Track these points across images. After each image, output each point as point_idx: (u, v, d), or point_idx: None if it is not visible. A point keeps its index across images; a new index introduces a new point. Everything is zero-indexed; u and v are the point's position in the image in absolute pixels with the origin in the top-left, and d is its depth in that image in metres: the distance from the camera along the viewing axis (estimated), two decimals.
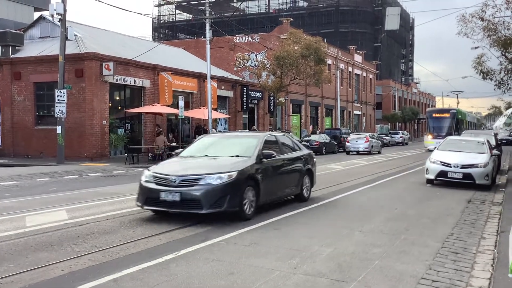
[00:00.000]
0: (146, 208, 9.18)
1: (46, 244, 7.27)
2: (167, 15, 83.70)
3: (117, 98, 27.61)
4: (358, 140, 36.32)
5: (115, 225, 8.73)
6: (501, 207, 11.05)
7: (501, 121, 67.05)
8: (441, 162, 15.33)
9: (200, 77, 32.16)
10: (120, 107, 27.58)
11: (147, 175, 9.20)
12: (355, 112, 64.82)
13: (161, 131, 25.93)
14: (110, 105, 25.97)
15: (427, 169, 15.77)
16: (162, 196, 8.66)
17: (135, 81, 27.13)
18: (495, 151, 17.06)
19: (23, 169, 19.80)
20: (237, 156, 9.64)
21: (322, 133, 43.06)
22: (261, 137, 10.51)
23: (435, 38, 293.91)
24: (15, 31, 28.90)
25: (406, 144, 60.33)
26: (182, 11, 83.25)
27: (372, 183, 16.21)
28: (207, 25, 27.37)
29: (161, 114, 27.88)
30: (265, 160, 9.77)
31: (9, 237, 7.72)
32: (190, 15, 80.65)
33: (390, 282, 5.68)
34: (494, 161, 16.09)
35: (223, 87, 35.32)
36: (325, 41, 44.17)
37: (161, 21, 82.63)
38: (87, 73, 24.48)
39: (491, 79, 24.03)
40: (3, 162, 23.58)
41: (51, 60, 24.87)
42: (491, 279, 5.84)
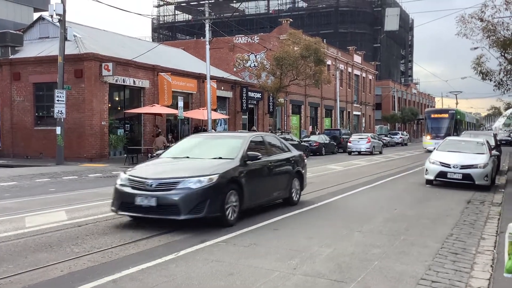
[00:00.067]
0: (120, 214, 8.71)
1: (45, 245, 7.27)
2: (166, 15, 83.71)
3: (117, 99, 27.59)
4: (360, 141, 36.41)
5: (115, 225, 8.72)
6: (500, 208, 11.05)
7: (500, 121, 67.17)
8: (440, 162, 15.33)
9: (200, 78, 32.15)
10: (119, 108, 27.57)
11: (122, 178, 8.70)
12: (354, 112, 64.83)
13: (160, 131, 25.91)
14: (110, 105, 25.94)
15: (426, 169, 15.77)
16: (137, 200, 8.18)
17: (134, 81, 27.12)
18: (494, 152, 17.08)
19: (22, 170, 19.78)
20: (220, 158, 9.21)
21: (322, 133, 43.10)
22: (247, 137, 10.03)
23: (434, 39, 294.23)
24: (15, 32, 28.87)
25: (405, 144, 60.34)
26: (182, 11, 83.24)
27: (371, 183, 16.22)
28: (207, 25, 27.37)
29: (160, 114, 27.88)
30: (250, 162, 9.29)
31: (8, 238, 7.72)
32: (189, 15, 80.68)
33: (389, 283, 5.68)
34: (494, 161, 16.10)
35: (222, 88, 35.31)
36: (324, 41, 44.11)
37: (161, 22, 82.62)
38: (86, 73, 24.46)
39: (491, 80, 24.06)
40: (2, 162, 23.56)
41: (50, 60, 24.86)
42: (491, 279, 5.84)
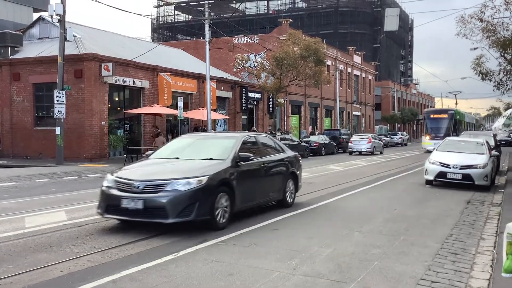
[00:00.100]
0: (106, 217, 8.50)
1: (45, 245, 7.27)
2: (166, 16, 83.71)
3: (116, 99, 27.59)
4: (360, 141, 36.52)
5: (115, 226, 8.72)
6: (500, 208, 11.04)
7: (500, 122, 67.29)
8: (440, 163, 15.32)
9: (200, 78, 32.15)
10: (119, 108, 27.57)
11: (109, 180, 8.46)
12: (354, 113, 64.84)
13: (159, 132, 25.90)
14: (109, 106, 25.94)
15: (426, 170, 15.76)
16: (123, 203, 7.94)
17: (134, 82, 27.12)
18: (494, 152, 17.08)
19: (22, 170, 19.77)
20: (210, 159, 8.95)
21: (321, 134, 43.10)
22: (239, 138, 9.75)
23: (434, 39, 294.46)
24: (14, 32, 28.86)
25: (405, 145, 60.36)
26: (181, 12, 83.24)
27: (371, 184, 16.22)
28: (206, 26, 27.36)
29: (160, 115, 27.87)
30: (242, 163, 9.03)
31: (8, 238, 7.72)
32: (189, 16, 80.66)
33: (389, 283, 5.69)
34: (493, 162, 16.09)
35: (222, 88, 35.31)
36: (324, 42, 44.10)
37: (160, 22, 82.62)
38: (86, 74, 24.46)
39: (490, 80, 24.12)
40: (2, 163, 23.56)
41: (50, 61, 24.86)
42: (490, 280, 5.84)
